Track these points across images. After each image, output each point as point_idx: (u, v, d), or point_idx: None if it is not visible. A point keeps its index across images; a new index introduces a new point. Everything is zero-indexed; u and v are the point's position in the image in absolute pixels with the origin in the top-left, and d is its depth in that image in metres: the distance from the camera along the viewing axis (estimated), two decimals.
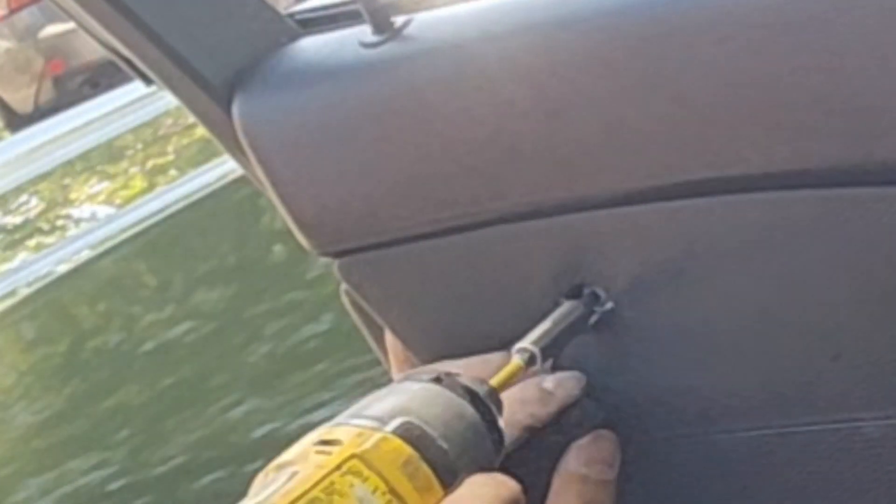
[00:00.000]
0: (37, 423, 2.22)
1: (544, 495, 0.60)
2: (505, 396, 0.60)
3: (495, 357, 0.62)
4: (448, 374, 0.57)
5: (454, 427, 0.54)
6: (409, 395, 0.55)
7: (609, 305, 0.63)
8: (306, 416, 2.18)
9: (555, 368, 0.63)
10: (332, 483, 0.50)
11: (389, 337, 0.71)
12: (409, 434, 0.53)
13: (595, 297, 0.63)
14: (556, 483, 0.60)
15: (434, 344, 0.68)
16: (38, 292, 2.29)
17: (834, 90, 0.54)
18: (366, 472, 0.51)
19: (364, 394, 0.56)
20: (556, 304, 0.63)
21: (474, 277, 0.66)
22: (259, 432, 2.19)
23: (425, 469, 0.52)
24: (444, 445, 0.53)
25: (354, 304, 0.72)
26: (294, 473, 0.51)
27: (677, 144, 0.58)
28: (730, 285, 0.60)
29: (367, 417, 0.54)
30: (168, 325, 2.30)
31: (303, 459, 0.52)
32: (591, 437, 0.61)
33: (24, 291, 2.29)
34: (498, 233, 0.64)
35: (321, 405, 2.15)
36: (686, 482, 0.66)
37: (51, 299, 2.32)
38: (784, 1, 0.54)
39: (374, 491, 0.51)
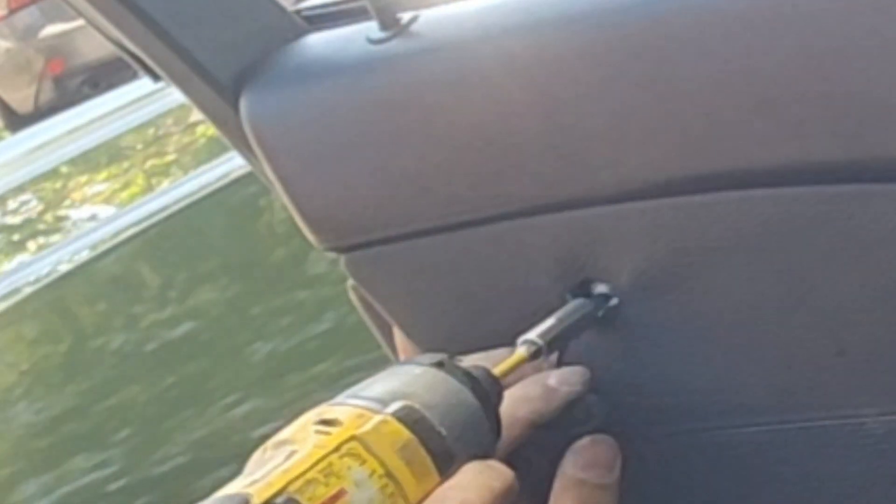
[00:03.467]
0: (37, 423, 2.22)
1: (549, 491, 0.60)
2: (508, 394, 0.60)
3: (501, 353, 0.62)
4: (450, 359, 0.57)
5: (454, 413, 0.54)
6: (410, 378, 0.55)
7: (614, 301, 0.63)
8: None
9: (559, 364, 0.63)
10: (329, 464, 0.50)
11: (398, 332, 0.71)
12: (408, 418, 0.53)
13: (602, 299, 0.63)
14: (556, 486, 0.60)
15: (440, 339, 0.69)
16: (39, 292, 2.29)
17: (837, 86, 0.54)
18: (364, 454, 0.51)
19: None
20: (563, 301, 0.63)
21: (480, 273, 0.66)
22: (260, 432, 2.18)
23: (423, 454, 0.52)
24: (443, 431, 0.53)
25: (362, 299, 0.72)
26: (292, 452, 0.51)
27: (681, 141, 0.58)
28: (734, 281, 0.60)
29: (367, 398, 0.53)
30: (169, 325, 2.30)
31: (302, 438, 0.52)
32: (588, 441, 0.61)
33: (25, 291, 2.28)
34: (504, 229, 0.65)
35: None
36: (690, 478, 0.66)
37: (51, 299, 2.32)
38: None
39: (372, 474, 0.51)
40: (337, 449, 0.51)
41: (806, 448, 0.62)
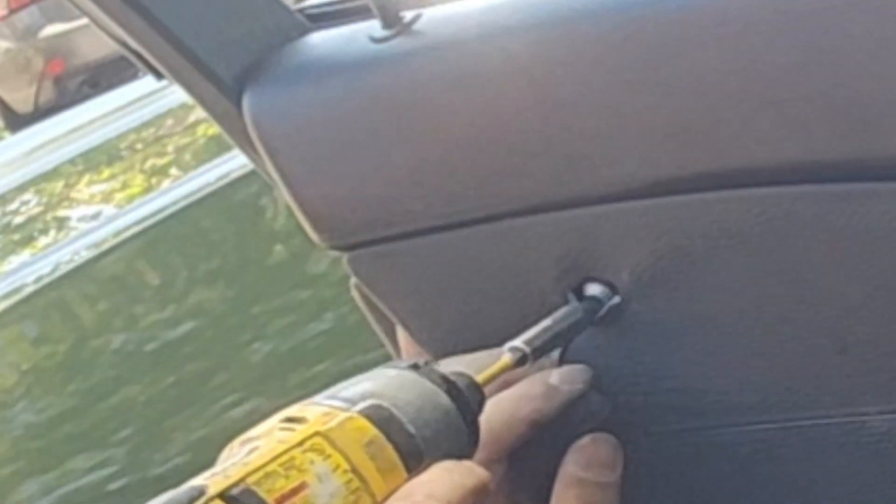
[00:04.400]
0: (37, 423, 2.22)
1: (551, 490, 0.60)
2: (510, 392, 0.60)
3: (486, 355, 0.62)
4: (427, 363, 0.57)
5: (425, 414, 0.54)
6: (384, 380, 0.55)
7: (616, 300, 0.63)
8: None
9: (561, 362, 0.64)
10: (291, 458, 0.50)
11: (400, 331, 0.71)
12: (375, 415, 0.52)
13: (592, 296, 0.63)
14: (558, 485, 0.60)
15: (443, 337, 0.69)
16: (40, 292, 2.29)
17: (839, 85, 0.54)
18: (328, 449, 0.51)
19: None
20: (565, 299, 0.63)
21: (483, 271, 0.66)
22: None
23: (390, 451, 0.52)
24: (412, 430, 0.53)
25: (364, 297, 0.72)
26: (255, 448, 0.51)
27: (682, 139, 0.58)
28: (736, 280, 0.60)
29: (338, 399, 0.53)
30: (169, 325, 2.30)
31: (266, 435, 0.52)
32: (590, 439, 0.61)
33: (26, 291, 2.28)
34: (506, 227, 0.65)
35: None
36: (691, 476, 0.66)
37: (52, 299, 2.32)
38: None
39: (336, 469, 0.50)
40: (300, 444, 0.50)
41: (808, 446, 0.62)
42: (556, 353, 0.63)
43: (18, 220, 2.55)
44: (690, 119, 0.58)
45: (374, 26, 0.66)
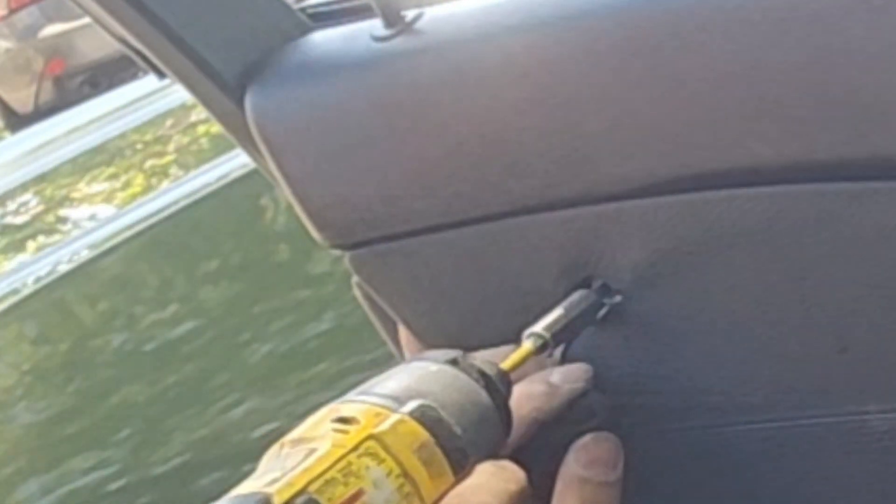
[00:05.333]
0: (37, 423, 2.22)
1: (552, 489, 0.60)
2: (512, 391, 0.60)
3: (507, 350, 0.62)
4: (464, 356, 0.57)
5: (468, 413, 0.54)
6: (426, 375, 0.55)
7: (617, 298, 0.63)
8: (307, 417, 2.17)
9: (563, 361, 0.64)
10: (349, 464, 0.51)
11: (403, 329, 0.71)
12: (425, 417, 0.53)
13: (604, 290, 0.63)
14: (559, 485, 0.60)
15: (444, 336, 0.69)
16: (39, 292, 2.29)
17: (840, 85, 0.54)
18: (382, 454, 0.51)
19: None
20: (567, 295, 0.63)
21: (484, 270, 0.67)
22: (259, 432, 2.19)
23: (439, 454, 0.53)
24: (458, 431, 0.53)
25: (366, 296, 0.72)
26: (311, 451, 0.51)
27: (683, 139, 0.58)
28: (737, 279, 0.60)
29: (383, 396, 0.54)
30: (169, 325, 2.30)
31: (319, 436, 0.52)
32: (591, 438, 0.61)
33: (25, 291, 2.28)
34: (508, 226, 0.65)
35: (322, 405, 2.14)
36: (692, 475, 0.66)
37: (52, 299, 2.32)
38: None
39: (389, 474, 0.51)
40: (355, 448, 0.51)
41: (808, 445, 0.62)
42: (558, 352, 0.63)
43: (19, 220, 2.55)
44: (691, 119, 0.58)
45: (375, 25, 0.66)
